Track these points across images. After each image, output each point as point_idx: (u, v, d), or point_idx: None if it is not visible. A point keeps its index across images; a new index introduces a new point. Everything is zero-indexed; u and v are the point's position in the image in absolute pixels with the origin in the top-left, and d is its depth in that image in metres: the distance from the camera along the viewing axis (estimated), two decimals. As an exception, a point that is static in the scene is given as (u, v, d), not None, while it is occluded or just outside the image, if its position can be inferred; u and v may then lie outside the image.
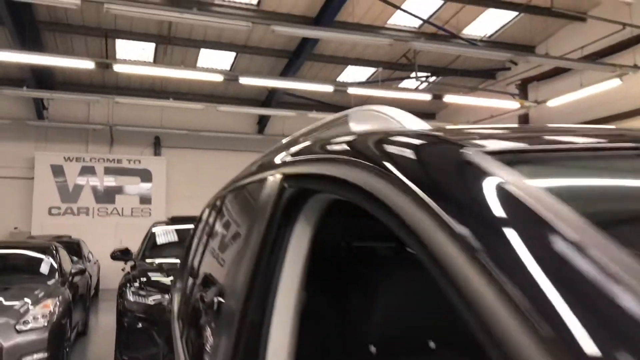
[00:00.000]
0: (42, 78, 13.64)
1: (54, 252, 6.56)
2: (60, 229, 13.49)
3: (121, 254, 6.43)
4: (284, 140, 1.89)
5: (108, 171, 15.40)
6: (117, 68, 9.75)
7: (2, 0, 9.95)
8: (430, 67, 14.97)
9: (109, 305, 11.48)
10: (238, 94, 16.10)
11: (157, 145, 16.57)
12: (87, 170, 15.23)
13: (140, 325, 4.99)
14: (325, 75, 15.51)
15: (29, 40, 11.02)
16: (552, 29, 13.88)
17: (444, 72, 15.43)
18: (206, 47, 13.56)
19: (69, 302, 5.59)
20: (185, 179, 16.53)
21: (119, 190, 15.47)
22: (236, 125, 17.17)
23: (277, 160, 1.39)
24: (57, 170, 14.95)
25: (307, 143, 1.28)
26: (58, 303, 5.30)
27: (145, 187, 15.69)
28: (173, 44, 13.20)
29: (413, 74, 13.90)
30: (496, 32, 13.91)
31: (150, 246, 6.59)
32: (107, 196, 15.36)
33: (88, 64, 9.34)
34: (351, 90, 12.08)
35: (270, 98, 15.81)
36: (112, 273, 14.57)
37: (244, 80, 10.38)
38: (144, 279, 5.36)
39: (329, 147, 1.05)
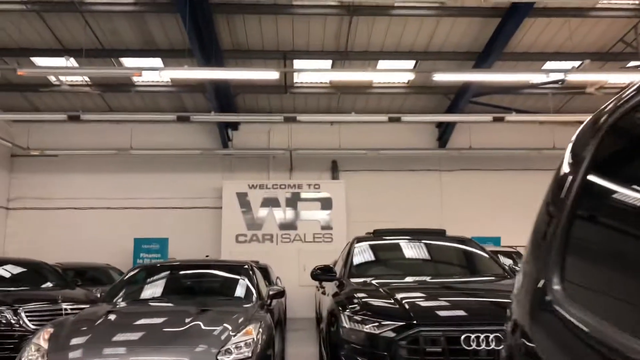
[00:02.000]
0: (226, 109, 13.98)
1: (250, 272, 5.85)
2: (247, 256, 13.44)
3: (322, 273, 5.45)
4: None
5: (289, 197, 15.21)
6: (298, 78, 9.23)
7: (193, 35, 10.23)
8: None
9: (299, 335, 10.79)
10: (414, 107, 14.97)
11: (334, 169, 16.07)
12: (270, 197, 15.20)
13: (362, 360, 3.85)
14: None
15: (215, 64, 11.15)
16: None
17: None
18: (384, 58, 12.70)
19: (271, 328, 4.70)
20: (364, 202, 15.73)
21: (300, 216, 15.15)
22: (415, 142, 15.99)
23: None
24: (242, 198, 15.14)
25: None
26: (261, 330, 4.41)
27: (325, 211, 15.16)
28: (350, 59, 12.57)
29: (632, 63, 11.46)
30: None
31: (356, 263, 5.52)
32: (289, 222, 15.13)
33: (272, 75, 8.94)
34: (570, 76, 9.98)
35: (454, 106, 14.34)
36: (298, 299, 14.14)
37: (438, 77, 9.16)
38: (364, 302, 4.24)
39: None
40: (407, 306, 4.03)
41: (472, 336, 3.70)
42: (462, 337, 3.71)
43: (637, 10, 10.88)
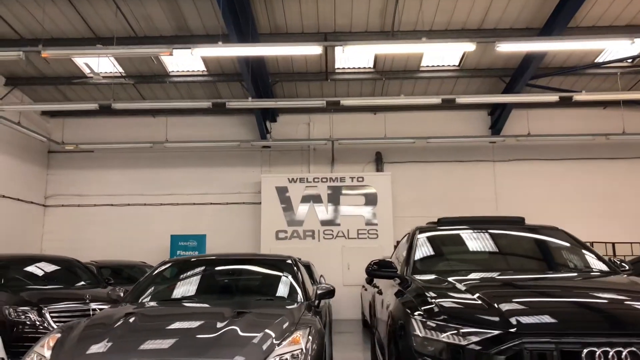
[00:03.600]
0: (265, 96, 13.23)
1: (295, 268, 5.01)
2: (288, 253, 12.66)
3: (379, 268, 4.53)
4: None
5: (331, 191, 14.35)
6: (340, 63, 8.34)
7: (229, 17, 9.53)
8: None
9: (345, 339, 9.91)
10: (465, 93, 13.84)
11: (378, 161, 15.12)
12: (311, 191, 14.38)
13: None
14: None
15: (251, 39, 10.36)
16: None
17: None
18: (434, 37, 11.65)
19: (322, 335, 3.83)
20: (410, 195, 14.75)
21: (343, 211, 14.26)
22: (466, 131, 14.88)
23: None
24: (282, 193, 14.39)
25: None
26: (310, 338, 3.55)
27: (370, 206, 14.22)
28: (397, 39, 11.59)
29: None
30: None
31: (420, 257, 4.59)
32: (331, 218, 14.27)
33: (314, 49, 8.10)
34: None
35: (509, 90, 13.16)
36: (342, 300, 13.28)
37: (502, 47, 8.09)
38: (442, 304, 3.31)
39: None
40: (502, 309, 3.08)
41: (598, 351, 2.73)
42: (585, 351, 2.74)
43: None
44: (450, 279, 3.84)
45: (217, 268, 5.09)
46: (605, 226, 13.68)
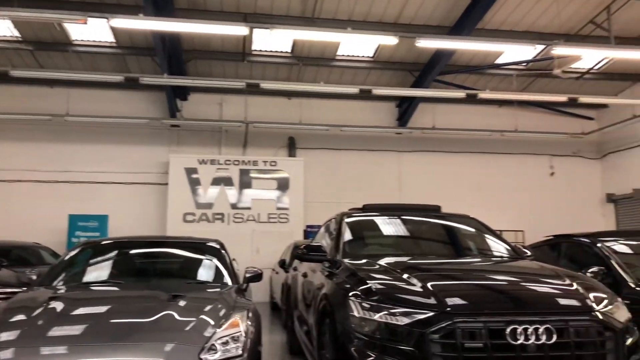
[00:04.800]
0: (177, 73, 12.74)
1: (222, 251, 4.96)
2: (196, 236, 12.39)
3: (309, 252, 4.63)
4: None
5: (243, 174, 14.22)
6: (257, 45, 8.27)
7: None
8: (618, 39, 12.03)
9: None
10: (377, 84, 14.29)
11: (291, 146, 15.21)
12: (222, 173, 14.14)
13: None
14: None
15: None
16: None
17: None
18: (352, 27, 11.88)
19: (259, 318, 3.86)
20: (321, 181, 15.02)
21: (254, 195, 14.20)
22: (375, 121, 15.41)
23: None
24: (191, 174, 14.01)
25: None
26: (249, 321, 3.57)
27: (282, 190, 14.29)
28: (317, 26, 11.67)
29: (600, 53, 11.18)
30: None
31: (349, 241, 4.76)
32: (242, 201, 14.16)
33: (240, 30, 7.94)
34: (556, 50, 9.43)
35: (418, 84, 13.79)
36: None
37: (421, 43, 8.45)
38: (378, 285, 3.48)
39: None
40: (435, 291, 3.31)
41: (520, 328, 3.05)
42: (508, 329, 3.04)
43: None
44: (381, 262, 4.03)
45: (144, 250, 4.91)
46: (496, 215, 14.86)
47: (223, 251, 5.04)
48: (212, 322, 3.38)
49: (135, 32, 11.95)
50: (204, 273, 4.79)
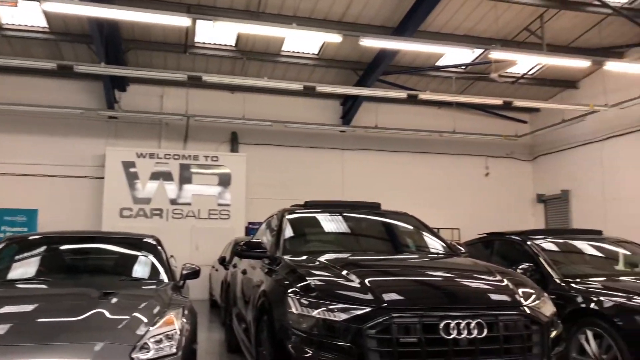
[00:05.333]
0: (115, 62, 12.27)
1: (159, 247, 4.82)
2: (133, 232, 12.00)
3: (249, 249, 4.57)
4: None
5: (183, 169, 13.89)
6: (202, 27, 8.09)
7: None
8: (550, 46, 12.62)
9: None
10: (321, 81, 14.34)
11: (234, 141, 15.01)
12: (161, 168, 13.76)
13: (326, 356, 3.10)
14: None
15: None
16: None
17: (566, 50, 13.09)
18: (297, 23, 11.86)
19: (195, 315, 3.77)
20: (264, 178, 14.93)
21: (195, 190, 13.91)
22: (319, 119, 15.46)
23: None
24: (129, 168, 13.55)
25: None
26: (184, 319, 3.48)
27: (223, 186, 14.08)
28: (261, 20, 11.55)
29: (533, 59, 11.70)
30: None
31: (290, 238, 4.74)
32: (182, 197, 13.83)
33: (182, 21, 7.72)
34: (493, 54, 9.75)
35: (362, 83, 13.95)
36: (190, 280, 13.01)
37: (365, 42, 8.53)
38: (317, 282, 3.48)
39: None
40: (373, 287, 3.35)
41: (453, 323, 3.13)
42: (442, 324, 3.12)
43: (546, 0, 11.17)
44: (321, 258, 4.04)
45: (74, 246, 4.69)
46: (434, 213, 15.25)
47: (159, 247, 4.90)
48: (145, 320, 3.28)
49: (70, 18, 11.41)
50: (139, 270, 4.64)
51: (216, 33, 12.35)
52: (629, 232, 11.55)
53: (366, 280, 3.45)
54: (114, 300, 3.49)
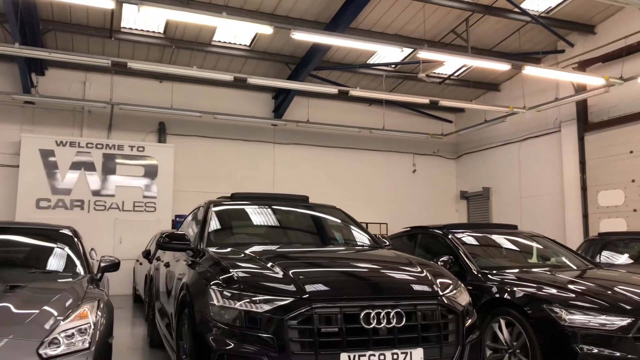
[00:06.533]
0: (33, 44, 11.54)
1: (75, 239, 4.58)
2: (52, 223, 11.37)
3: (171, 241, 4.44)
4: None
5: (107, 159, 13.30)
6: (127, 22, 7.79)
7: None
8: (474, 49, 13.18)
9: (119, 314, 9.41)
10: (253, 73, 14.18)
11: (161, 131, 14.56)
12: (83, 157, 13.10)
13: (248, 348, 3.07)
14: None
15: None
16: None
17: (489, 54, 13.71)
18: (228, 13, 11.65)
19: (111, 309, 3.62)
20: (192, 170, 14.61)
21: (119, 181, 13.35)
22: (251, 111, 15.31)
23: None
24: (47, 157, 12.80)
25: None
26: (99, 312, 3.33)
27: (149, 177, 13.62)
28: (192, 8, 11.25)
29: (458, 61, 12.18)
30: (558, 5, 12.29)
31: (215, 230, 4.66)
32: (105, 188, 13.24)
33: (106, 3, 7.35)
34: (421, 54, 10.01)
35: (294, 77, 13.94)
36: (113, 274, 12.51)
37: (296, 36, 8.50)
38: (239, 273, 3.44)
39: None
40: (295, 278, 3.36)
41: (373, 313, 3.20)
42: (362, 314, 3.18)
43: (471, 4, 11.62)
44: (246, 251, 4.00)
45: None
46: (363, 208, 15.58)
47: (76, 239, 4.66)
48: (55, 314, 3.11)
49: (-19, -6, 10.59)
50: (53, 262, 4.40)
51: (144, 19, 11.91)
52: (542, 227, 12.34)
53: (290, 272, 3.45)
54: (22, 293, 3.28)
